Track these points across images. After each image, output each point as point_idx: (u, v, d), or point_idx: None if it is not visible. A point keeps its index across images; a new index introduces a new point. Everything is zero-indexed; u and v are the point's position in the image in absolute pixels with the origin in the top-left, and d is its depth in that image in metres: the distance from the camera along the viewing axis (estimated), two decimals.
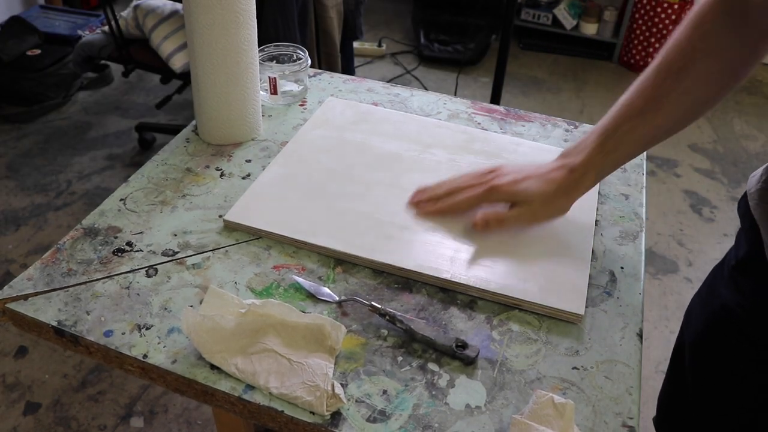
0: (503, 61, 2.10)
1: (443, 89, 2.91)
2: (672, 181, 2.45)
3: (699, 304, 0.82)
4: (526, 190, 0.74)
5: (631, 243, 0.79)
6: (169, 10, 1.95)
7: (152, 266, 0.72)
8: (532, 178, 0.75)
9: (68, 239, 0.75)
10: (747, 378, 0.73)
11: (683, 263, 2.07)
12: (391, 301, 0.69)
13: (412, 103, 1.03)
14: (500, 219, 0.76)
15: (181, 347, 0.63)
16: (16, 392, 1.56)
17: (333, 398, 0.58)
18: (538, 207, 0.75)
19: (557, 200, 0.75)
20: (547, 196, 0.74)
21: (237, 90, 0.87)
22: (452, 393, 0.61)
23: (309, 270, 0.72)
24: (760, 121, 2.83)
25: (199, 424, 1.51)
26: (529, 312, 0.69)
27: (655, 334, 1.81)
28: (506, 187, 0.75)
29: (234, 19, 0.82)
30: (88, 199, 2.17)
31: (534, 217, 0.76)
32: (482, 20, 3.18)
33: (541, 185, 0.74)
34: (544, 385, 0.62)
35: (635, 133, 0.71)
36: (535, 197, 0.74)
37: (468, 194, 0.77)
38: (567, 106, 2.87)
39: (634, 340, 0.67)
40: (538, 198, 0.74)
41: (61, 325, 0.65)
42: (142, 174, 0.86)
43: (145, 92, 2.77)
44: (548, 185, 0.74)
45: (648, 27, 3.03)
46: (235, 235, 0.76)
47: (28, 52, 2.59)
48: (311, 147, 0.90)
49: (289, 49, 1.03)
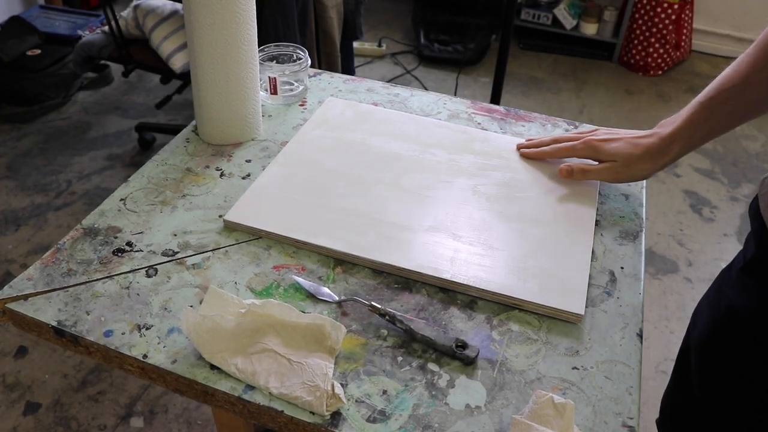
0: (503, 61, 2.10)
1: (443, 89, 2.91)
2: (672, 181, 2.45)
3: (706, 306, 0.81)
4: (614, 149, 0.81)
5: (631, 243, 0.79)
6: (169, 10, 1.95)
7: (152, 266, 0.72)
8: (622, 140, 0.81)
9: (68, 239, 0.75)
10: (753, 380, 0.72)
11: (683, 263, 2.07)
12: (391, 301, 0.69)
13: (412, 103, 1.03)
14: (584, 170, 0.84)
15: (181, 347, 0.63)
16: (16, 392, 1.56)
17: (333, 398, 0.58)
18: (620, 166, 0.81)
19: (641, 163, 0.80)
20: (631, 158, 0.80)
21: (237, 90, 0.87)
22: (452, 393, 0.61)
23: (309, 270, 0.72)
24: (760, 121, 2.83)
25: (199, 424, 1.51)
26: (529, 312, 0.69)
27: (655, 334, 1.81)
28: (597, 143, 0.83)
29: (234, 19, 0.82)
30: (88, 199, 2.17)
31: (616, 174, 0.82)
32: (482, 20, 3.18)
33: (629, 148, 0.80)
34: (544, 385, 0.62)
35: (725, 107, 0.74)
36: (619, 157, 0.81)
37: (566, 146, 0.86)
38: (567, 106, 2.87)
39: (634, 340, 0.67)
40: (623, 158, 0.80)
41: (61, 325, 0.65)
42: (142, 174, 0.86)
43: (145, 92, 2.77)
44: (635, 149, 0.80)
45: (648, 27, 3.02)
46: (235, 235, 0.76)
47: (28, 52, 2.59)
48: (311, 147, 0.90)
49: (289, 49, 1.03)
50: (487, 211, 0.81)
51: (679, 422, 0.88)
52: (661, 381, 1.67)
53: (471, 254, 0.74)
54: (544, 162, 0.89)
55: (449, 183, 0.85)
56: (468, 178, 0.86)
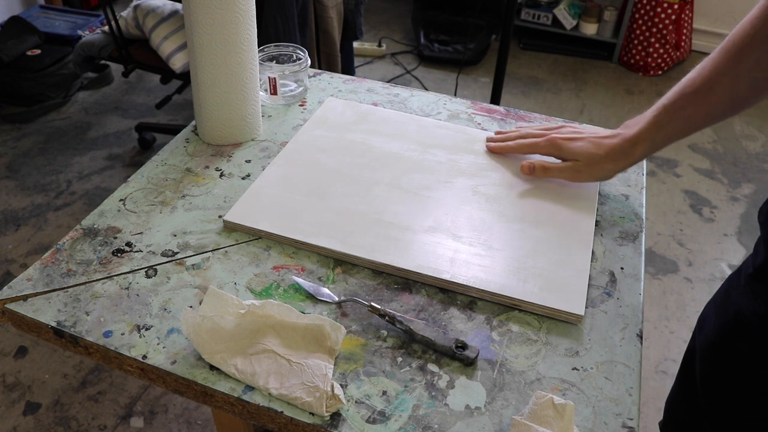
0: (503, 61, 2.10)
1: (443, 89, 2.91)
2: (672, 181, 2.45)
3: (713, 311, 0.80)
4: (577, 149, 0.81)
5: (631, 243, 0.79)
6: (169, 10, 1.95)
7: (152, 267, 0.72)
8: (586, 140, 0.81)
9: (68, 239, 0.75)
10: (760, 387, 0.72)
11: (683, 263, 2.07)
12: (391, 302, 0.69)
13: (412, 103, 1.03)
14: (545, 168, 0.84)
15: (181, 348, 0.63)
16: (16, 392, 1.56)
17: (332, 399, 0.58)
18: (582, 166, 0.81)
19: (603, 164, 0.80)
20: (594, 158, 0.80)
21: (237, 90, 0.87)
22: (452, 394, 0.61)
23: (309, 270, 0.72)
24: (760, 121, 2.83)
25: (199, 424, 1.51)
26: (529, 312, 0.69)
27: (655, 334, 1.81)
28: (560, 141, 0.83)
29: (234, 19, 0.82)
30: (88, 199, 2.17)
31: (577, 174, 0.82)
32: (482, 20, 3.18)
33: (592, 147, 0.80)
34: (543, 386, 0.62)
35: (688, 110, 0.74)
36: (582, 156, 0.81)
37: (529, 142, 0.86)
38: (567, 106, 2.87)
39: (634, 340, 0.67)
40: (585, 158, 0.80)
41: (61, 326, 0.65)
42: (141, 174, 0.86)
43: (145, 92, 2.77)
44: (598, 149, 0.80)
45: (648, 27, 3.02)
46: (234, 235, 0.76)
47: (28, 52, 2.59)
48: (311, 147, 0.90)
49: (289, 49, 1.03)
50: (487, 211, 0.81)
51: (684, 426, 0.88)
52: (661, 381, 1.67)
53: (471, 255, 0.74)
54: None
55: (449, 183, 0.85)
56: (468, 179, 0.86)
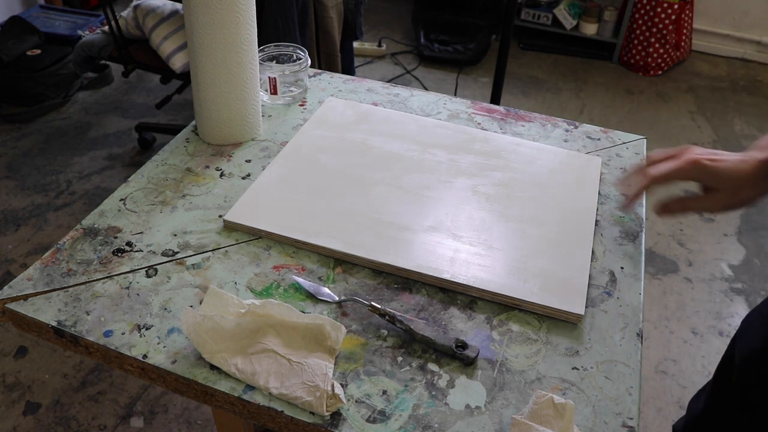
0: (503, 61, 2.10)
1: (443, 89, 2.91)
2: None
3: (758, 318, 0.79)
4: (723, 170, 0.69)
5: (631, 243, 0.79)
6: (169, 10, 1.95)
7: (152, 266, 0.72)
8: (729, 160, 0.70)
9: (68, 239, 0.75)
10: None
11: (683, 263, 2.07)
12: (391, 302, 0.69)
13: (412, 103, 1.03)
14: (684, 203, 0.73)
15: (181, 347, 0.63)
16: (16, 392, 1.56)
17: (333, 398, 0.58)
18: (727, 194, 0.70)
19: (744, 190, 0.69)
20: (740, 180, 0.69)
21: (237, 90, 0.87)
22: (452, 393, 0.61)
23: (309, 270, 0.72)
24: (760, 121, 2.83)
25: (199, 424, 1.51)
26: (529, 312, 0.69)
27: (655, 334, 1.81)
28: (705, 162, 0.70)
29: (234, 19, 0.82)
30: (88, 199, 2.17)
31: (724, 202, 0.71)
32: (482, 20, 3.18)
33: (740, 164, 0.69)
34: (544, 386, 0.62)
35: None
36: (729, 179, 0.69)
37: (667, 167, 0.72)
38: (567, 106, 2.87)
39: (634, 340, 0.67)
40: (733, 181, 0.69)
41: (61, 326, 0.65)
42: (142, 174, 0.86)
43: (145, 92, 2.77)
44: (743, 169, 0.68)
45: (648, 27, 3.02)
46: (234, 235, 0.76)
47: (28, 52, 2.59)
48: (311, 147, 0.90)
49: (289, 49, 1.03)
50: (487, 211, 0.81)
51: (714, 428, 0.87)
52: (661, 381, 1.67)
53: (471, 254, 0.74)
54: (544, 162, 0.89)
55: (449, 183, 0.85)
56: (468, 178, 0.86)
